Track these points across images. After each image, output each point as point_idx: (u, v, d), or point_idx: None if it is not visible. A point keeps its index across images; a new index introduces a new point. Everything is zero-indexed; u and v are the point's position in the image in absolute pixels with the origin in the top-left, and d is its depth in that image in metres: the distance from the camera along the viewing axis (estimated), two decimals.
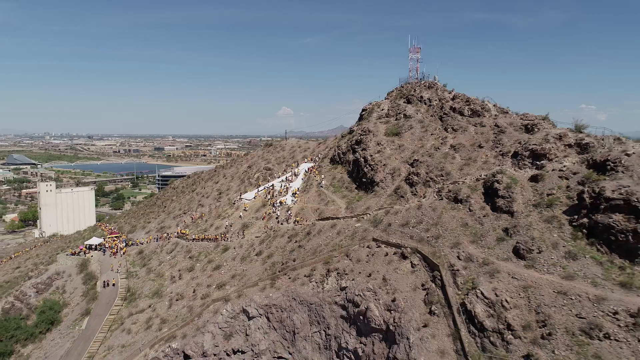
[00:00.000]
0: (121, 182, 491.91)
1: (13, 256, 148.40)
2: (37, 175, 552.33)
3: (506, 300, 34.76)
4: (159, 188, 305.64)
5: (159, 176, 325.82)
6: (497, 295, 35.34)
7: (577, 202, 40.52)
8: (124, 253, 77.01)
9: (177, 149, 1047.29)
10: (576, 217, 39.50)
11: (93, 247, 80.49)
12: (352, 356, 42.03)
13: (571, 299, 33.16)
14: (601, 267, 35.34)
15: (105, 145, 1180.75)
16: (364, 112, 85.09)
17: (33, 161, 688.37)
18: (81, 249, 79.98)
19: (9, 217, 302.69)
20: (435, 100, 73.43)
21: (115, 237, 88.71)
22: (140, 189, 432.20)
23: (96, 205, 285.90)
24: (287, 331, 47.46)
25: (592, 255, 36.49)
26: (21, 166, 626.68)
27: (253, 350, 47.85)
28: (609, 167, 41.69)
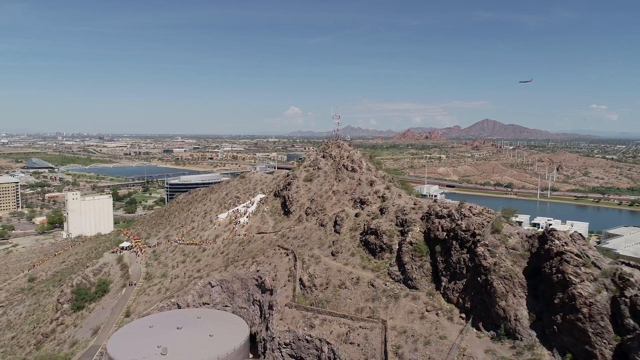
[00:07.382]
0: (133, 186, 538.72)
1: (56, 254, 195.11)
2: (56, 179, 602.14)
3: (317, 274, 78.32)
4: (167, 195, 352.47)
5: (167, 184, 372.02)
6: (314, 272, 78.92)
7: (365, 229, 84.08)
8: (143, 251, 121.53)
9: (185, 151, 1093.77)
10: (362, 236, 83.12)
11: (124, 247, 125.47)
12: (259, 303, 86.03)
13: (341, 273, 76.70)
14: (361, 259, 78.86)
15: (116, 147, 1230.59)
16: (300, 160, 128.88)
17: (50, 165, 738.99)
18: (117, 249, 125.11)
19: (38, 219, 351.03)
20: (337, 157, 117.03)
21: (137, 241, 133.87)
22: (150, 194, 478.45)
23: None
24: (230, 293, 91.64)
25: (360, 254, 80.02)
26: (40, 170, 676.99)
27: (213, 303, 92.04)
28: (384, 211, 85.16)
